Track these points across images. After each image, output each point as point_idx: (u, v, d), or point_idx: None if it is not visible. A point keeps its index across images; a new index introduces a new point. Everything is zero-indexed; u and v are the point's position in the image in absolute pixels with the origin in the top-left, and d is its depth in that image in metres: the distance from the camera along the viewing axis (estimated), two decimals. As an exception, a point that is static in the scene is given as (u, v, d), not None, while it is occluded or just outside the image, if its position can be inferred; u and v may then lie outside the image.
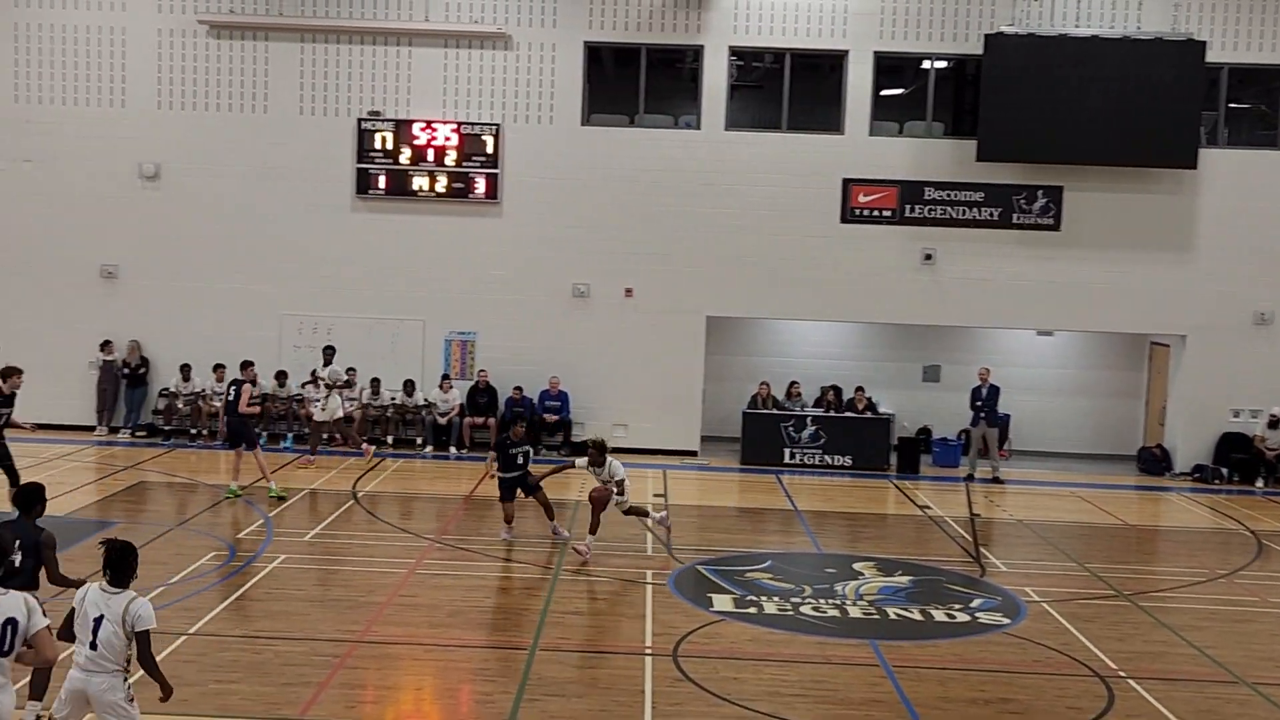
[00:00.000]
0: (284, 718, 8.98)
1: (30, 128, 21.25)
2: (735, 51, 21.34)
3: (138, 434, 21.30)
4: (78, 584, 7.51)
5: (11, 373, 14.36)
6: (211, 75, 21.26)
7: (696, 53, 21.27)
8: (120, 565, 7.13)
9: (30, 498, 8.34)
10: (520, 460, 14.93)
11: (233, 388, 16.82)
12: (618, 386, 21.51)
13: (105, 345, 21.29)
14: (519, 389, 21.05)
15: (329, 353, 19.70)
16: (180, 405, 21.24)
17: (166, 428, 21.30)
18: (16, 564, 7.75)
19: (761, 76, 22.04)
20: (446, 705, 9.71)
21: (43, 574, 8.13)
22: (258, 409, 17.28)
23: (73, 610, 7.08)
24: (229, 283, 21.37)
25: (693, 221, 21.30)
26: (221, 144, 21.26)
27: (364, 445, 19.92)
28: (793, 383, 22.03)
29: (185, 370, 21.24)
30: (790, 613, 12.24)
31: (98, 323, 21.36)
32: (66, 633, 7.06)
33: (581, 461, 14.61)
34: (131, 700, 7.03)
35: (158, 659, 7.31)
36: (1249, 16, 20.98)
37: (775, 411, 21.44)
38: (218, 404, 20.95)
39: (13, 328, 21.36)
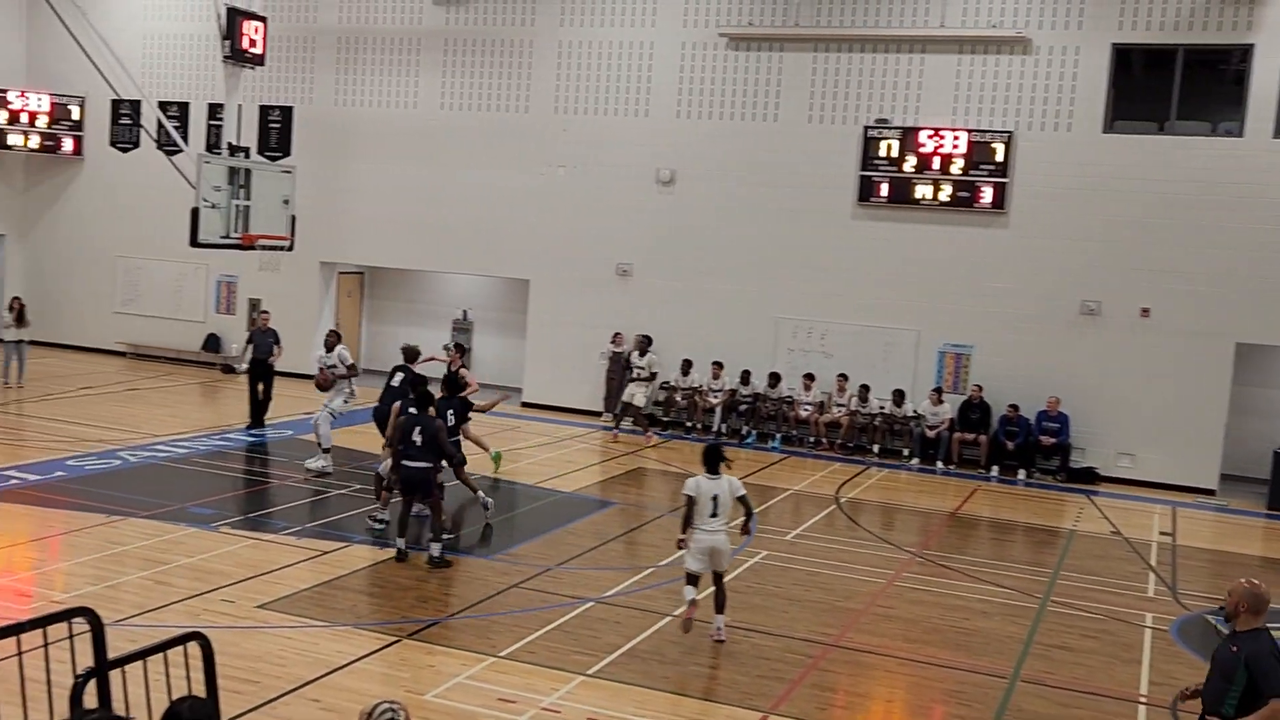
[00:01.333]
0: (756, 709, 9.12)
1: (565, 136, 23.28)
2: (1290, 50, 19.12)
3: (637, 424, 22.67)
4: None
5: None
6: (727, 85, 22.19)
7: (1244, 53, 19.29)
8: (713, 460, 10.53)
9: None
10: None
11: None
12: (1125, 412, 19.98)
13: (615, 338, 22.86)
14: (1014, 407, 20.15)
15: (644, 342, 21.82)
16: (678, 399, 22.35)
17: (664, 419, 22.50)
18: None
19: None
20: (918, 722, 9.44)
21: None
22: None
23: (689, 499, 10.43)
24: (730, 283, 22.22)
25: (1226, 238, 19.34)
26: (732, 151, 22.14)
27: (649, 433, 21.14)
28: (1331, 424, 19.42)
29: (686, 365, 22.32)
30: (1318, 681, 10.72)
31: (610, 317, 23.01)
32: None
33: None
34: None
35: (644, 636, 7.60)
36: None
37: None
38: (712, 400, 21.91)
39: (541, 317, 23.64)
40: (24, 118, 26.21)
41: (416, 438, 12.43)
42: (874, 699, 9.85)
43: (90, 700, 4.88)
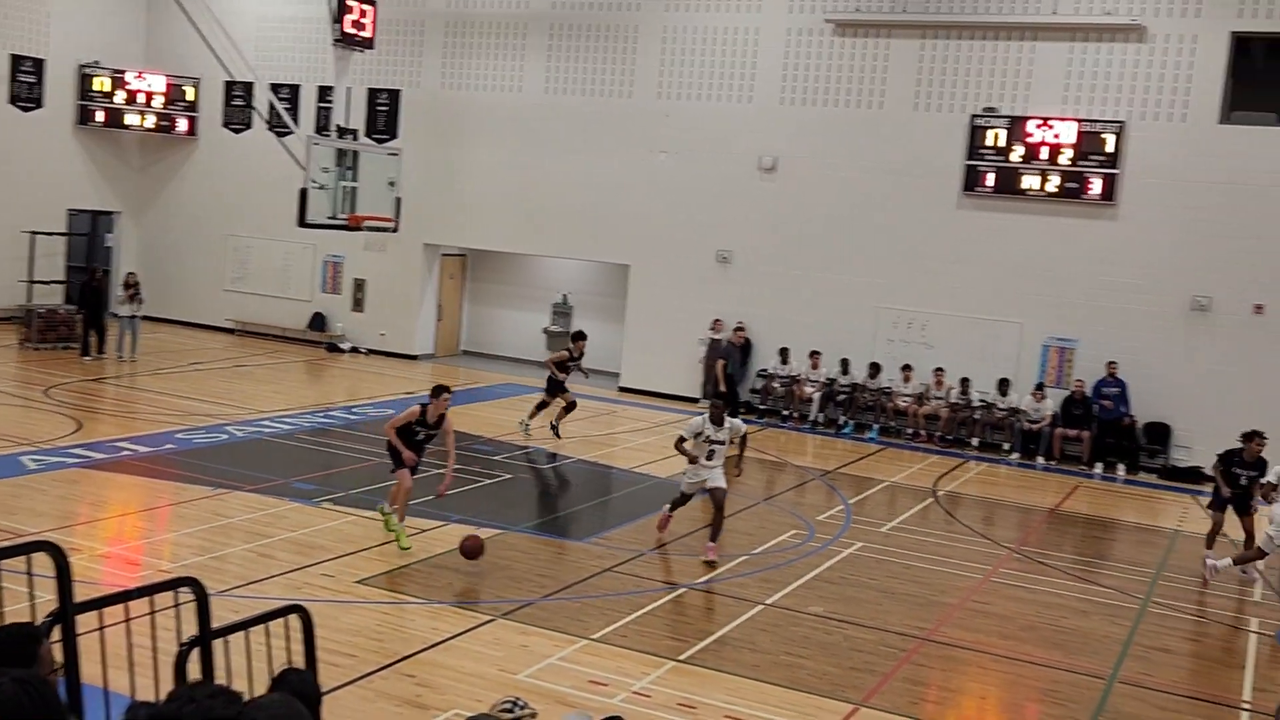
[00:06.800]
0: (848, 700, 9.09)
1: (668, 121, 23.28)
2: None
3: (743, 414, 22.65)
4: None
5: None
6: (832, 72, 21.98)
7: (1369, 41, 18.56)
8: (719, 417, 12.50)
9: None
10: None
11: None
12: (1236, 411, 19.32)
13: (715, 324, 22.83)
14: (1080, 381, 20.10)
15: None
16: (776, 386, 22.27)
17: (761, 407, 22.43)
18: None
19: None
20: (1011, 719, 9.32)
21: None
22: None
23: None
24: (830, 272, 22.05)
25: (1345, 233, 18.65)
26: (836, 138, 21.94)
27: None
28: None
29: (784, 353, 22.22)
30: None
31: (710, 303, 22.98)
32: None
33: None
34: None
35: (736, 623, 7.61)
36: None
37: None
38: (810, 389, 21.78)
39: (640, 303, 23.72)
40: (140, 98, 26.98)
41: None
42: (967, 695, 9.74)
43: (194, 669, 5.05)
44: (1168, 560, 14.32)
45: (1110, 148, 19.85)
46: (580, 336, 18.98)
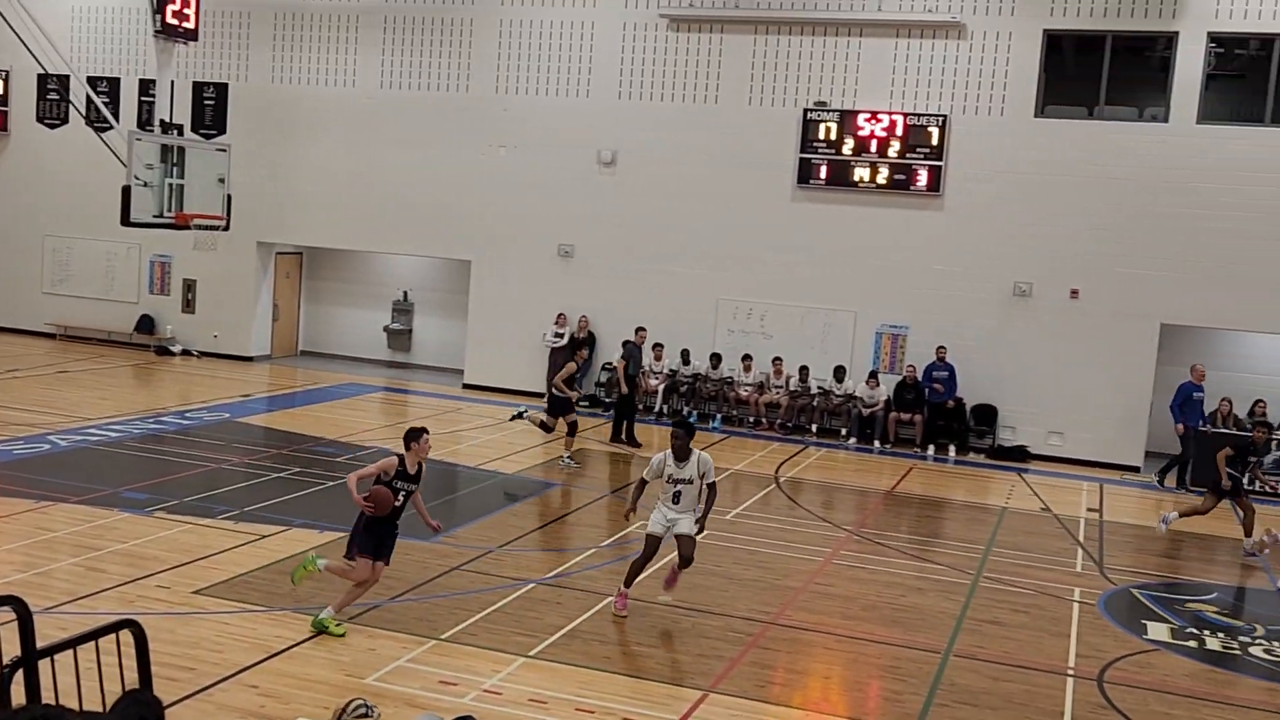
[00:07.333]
0: (696, 687, 9.24)
1: (506, 116, 23.17)
2: (1215, 38, 19.51)
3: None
4: None
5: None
6: (668, 66, 22.21)
7: (1169, 40, 19.66)
8: (682, 448, 10.66)
9: None
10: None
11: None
12: (1055, 392, 20.39)
13: (558, 319, 22.84)
14: (912, 367, 20.83)
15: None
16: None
17: (606, 400, 22.54)
18: None
19: (1244, 65, 20.02)
20: (854, 697, 9.61)
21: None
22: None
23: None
24: (670, 264, 22.30)
25: (1152, 221, 19.77)
26: (673, 132, 22.18)
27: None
28: (1258, 401, 19.91)
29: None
30: (1237, 652, 11.09)
31: (553, 298, 22.99)
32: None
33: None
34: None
35: (585, 617, 7.64)
36: None
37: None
38: (654, 381, 21.99)
39: (483, 298, 23.56)
40: (-54, 93, 25.57)
41: None
42: (811, 675, 10.00)
43: (19, 692, 4.84)
44: (996, 536, 14.95)
45: (935, 140, 20.59)
46: (584, 344, 18.25)
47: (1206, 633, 11.58)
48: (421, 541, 12.79)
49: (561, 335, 22.78)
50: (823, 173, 21.25)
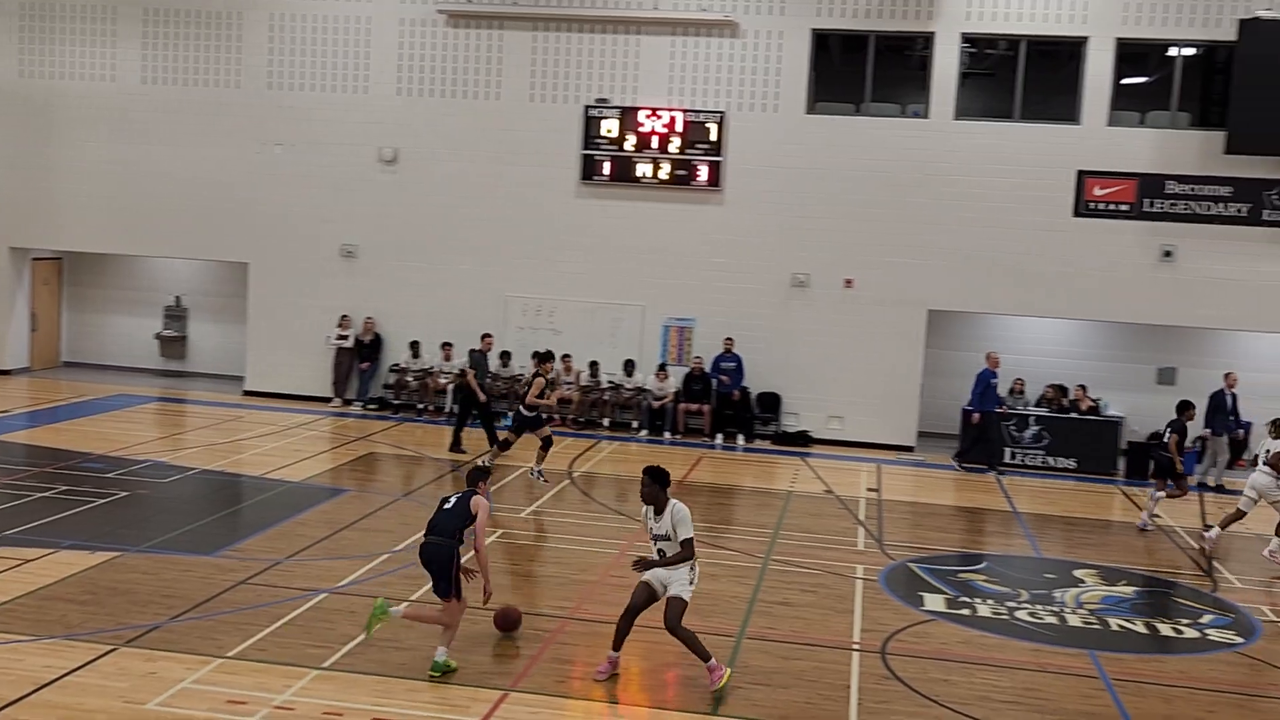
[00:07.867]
0: (497, 688, 9.22)
1: (281, 113, 22.49)
2: (968, 38, 20.68)
3: (369, 407, 22.31)
4: None
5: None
6: (448, 63, 21.99)
7: (927, 40, 20.71)
8: (657, 495, 10.13)
9: None
10: None
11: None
12: (835, 378, 21.24)
13: (342, 321, 22.34)
14: (699, 359, 21.37)
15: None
16: (410, 380, 22.10)
17: (395, 402, 22.21)
18: None
19: (994, 64, 21.27)
20: (653, 686, 9.78)
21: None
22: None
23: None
24: (458, 263, 22.12)
25: (918, 212, 20.80)
26: (455, 130, 21.99)
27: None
28: (1017, 380, 21.24)
29: (415, 347, 22.09)
30: (1005, 617, 11.82)
31: (336, 299, 22.47)
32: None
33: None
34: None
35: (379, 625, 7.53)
36: None
37: (997, 410, 20.70)
38: (444, 381, 21.77)
39: (262, 302, 22.82)
40: None
41: None
42: (609, 668, 10.10)
43: None
44: (784, 520, 15.46)
45: (714, 136, 21.09)
46: (548, 357, 17.35)
47: (978, 600, 12.29)
48: (204, 557, 12.32)
49: (346, 337, 22.30)
50: (606, 169, 21.47)
